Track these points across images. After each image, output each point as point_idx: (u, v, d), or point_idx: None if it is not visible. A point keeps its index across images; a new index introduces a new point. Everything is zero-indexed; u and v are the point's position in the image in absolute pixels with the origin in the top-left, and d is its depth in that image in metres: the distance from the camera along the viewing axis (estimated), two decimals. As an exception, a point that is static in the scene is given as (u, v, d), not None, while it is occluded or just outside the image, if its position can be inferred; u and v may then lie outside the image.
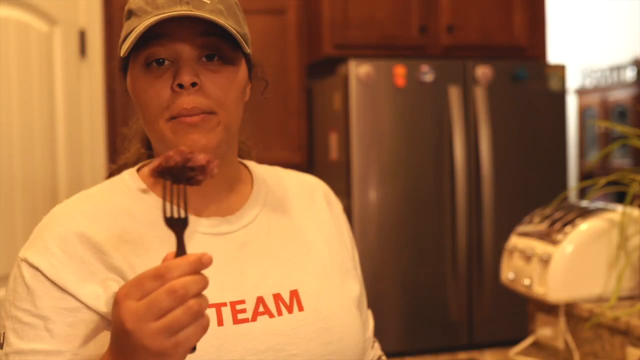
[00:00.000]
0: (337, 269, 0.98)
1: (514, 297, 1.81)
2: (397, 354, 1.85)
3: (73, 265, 0.83)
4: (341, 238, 1.03)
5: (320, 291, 0.93)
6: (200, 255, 0.65)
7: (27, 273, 0.83)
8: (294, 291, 0.90)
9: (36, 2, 2.37)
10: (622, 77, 5.47)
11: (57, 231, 0.85)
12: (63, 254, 0.83)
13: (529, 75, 2.95)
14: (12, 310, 0.83)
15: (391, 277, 2.81)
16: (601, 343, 1.46)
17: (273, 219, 0.96)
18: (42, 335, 0.81)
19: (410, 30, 3.05)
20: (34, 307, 0.82)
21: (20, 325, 0.82)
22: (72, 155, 2.50)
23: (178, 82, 0.83)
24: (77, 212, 0.87)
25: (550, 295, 1.50)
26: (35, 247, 0.85)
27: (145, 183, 0.93)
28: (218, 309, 0.84)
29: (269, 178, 1.02)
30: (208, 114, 0.85)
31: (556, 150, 3.02)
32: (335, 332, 0.90)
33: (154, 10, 0.85)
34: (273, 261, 0.92)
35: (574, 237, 1.51)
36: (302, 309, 0.89)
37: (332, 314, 0.91)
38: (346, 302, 0.95)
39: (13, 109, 2.24)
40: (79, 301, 0.82)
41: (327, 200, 1.06)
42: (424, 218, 2.84)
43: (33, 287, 0.82)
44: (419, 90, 2.83)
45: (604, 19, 6.00)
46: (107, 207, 0.89)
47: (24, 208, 2.25)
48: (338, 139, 2.92)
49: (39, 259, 0.83)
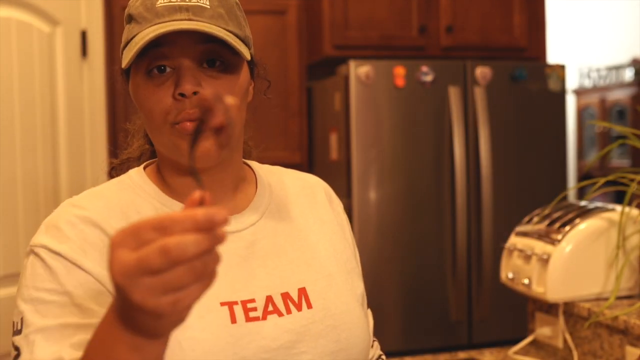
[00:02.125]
0: (341, 267, 0.99)
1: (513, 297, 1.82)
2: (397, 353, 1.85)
3: (93, 253, 0.82)
4: (343, 236, 1.04)
5: (327, 289, 0.93)
6: (214, 211, 0.54)
7: (48, 256, 0.82)
8: (302, 289, 0.91)
9: (38, 3, 2.38)
10: (621, 77, 5.48)
11: (73, 221, 0.85)
12: (83, 242, 0.83)
13: (528, 76, 2.95)
14: (32, 293, 0.80)
15: (391, 277, 2.82)
16: (600, 342, 1.47)
17: (278, 218, 0.97)
18: (71, 310, 0.79)
19: (410, 31, 3.05)
20: (58, 285, 0.80)
21: (43, 306, 0.79)
22: (73, 154, 2.51)
23: (180, 92, 0.83)
24: (91, 207, 0.87)
25: (550, 295, 1.50)
26: (51, 235, 0.84)
27: (152, 181, 0.93)
28: (230, 307, 0.85)
29: (272, 178, 1.03)
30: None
31: (555, 150, 3.03)
32: (344, 330, 0.91)
33: (154, 18, 0.85)
34: (280, 259, 0.93)
35: (572, 237, 1.51)
36: (311, 307, 0.90)
37: (339, 312, 0.92)
38: (352, 300, 0.96)
39: (15, 108, 2.25)
40: (103, 286, 0.81)
41: (329, 199, 1.06)
42: (424, 218, 2.85)
43: (56, 267, 0.81)
44: (419, 91, 2.84)
45: (602, 19, 6.00)
46: (119, 204, 0.89)
47: (25, 207, 2.25)
48: (338, 139, 2.93)
49: (58, 246, 0.82)
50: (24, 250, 0.87)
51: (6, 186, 2.20)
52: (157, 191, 0.92)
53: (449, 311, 2.87)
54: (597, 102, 5.62)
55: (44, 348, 0.77)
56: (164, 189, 0.93)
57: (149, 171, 0.96)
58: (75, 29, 2.59)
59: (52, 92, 2.44)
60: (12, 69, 2.24)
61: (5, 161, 2.20)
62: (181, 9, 0.84)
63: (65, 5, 2.53)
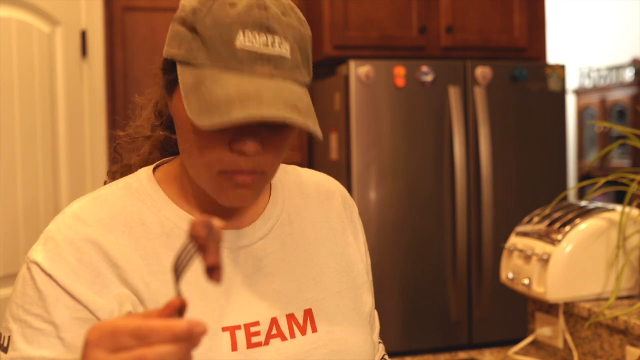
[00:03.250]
0: (351, 282, 0.96)
1: (513, 297, 1.82)
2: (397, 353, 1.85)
3: (87, 277, 0.80)
4: (357, 246, 1.00)
5: (334, 309, 0.90)
6: (192, 325, 0.55)
7: (39, 277, 0.80)
8: (308, 310, 0.88)
9: (38, 3, 2.38)
10: (621, 77, 5.48)
11: (72, 238, 0.81)
12: (78, 263, 0.80)
13: (528, 76, 2.95)
14: (20, 313, 0.79)
15: (391, 277, 2.82)
16: (600, 342, 1.47)
17: (288, 229, 0.93)
18: (54, 342, 0.78)
19: (410, 31, 3.05)
20: (45, 312, 0.78)
21: (30, 331, 0.78)
22: (73, 154, 2.51)
23: (242, 149, 0.77)
24: (92, 219, 0.83)
25: (550, 295, 1.50)
26: (47, 251, 0.81)
27: (161, 187, 0.88)
28: (232, 332, 0.81)
29: (289, 180, 0.99)
30: (260, 174, 0.80)
31: (555, 150, 3.03)
32: (347, 354, 0.88)
33: (231, 59, 0.75)
34: (287, 276, 0.89)
35: (573, 237, 1.51)
36: (315, 330, 0.87)
37: (344, 335, 0.89)
38: (358, 320, 0.93)
39: (14, 108, 2.25)
40: (92, 314, 0.79)
41: (345, 206, 1.03)
42: (424, 218, 2.85)
43: (45, 292, 0.79)
44: (419, 91, 2.84)
45: (602, 19, 6.00)
46: (123, 214, 0.85)
47: (25, 207, 2.25)
48: (338, 139, 2.93)
49: (52, 266, 0.80)
50: (23, 251, 0.86)
51: (6, 186, 2.20)
52: (166, 201, 0.87)
53: (449, 311, 2.87)
54: (597, 102, 5.62)
55: None
56: (175, 196, 0.88)
57: (161, 174, 0.90)
58: (75, 29, 2.59)
59: (52, 92, 2.44)
60: (12, 69, 2.24)
61: (5, 161, 2.20)
62: (262, 58, 0.76)
63: (65, 5, 2.53)
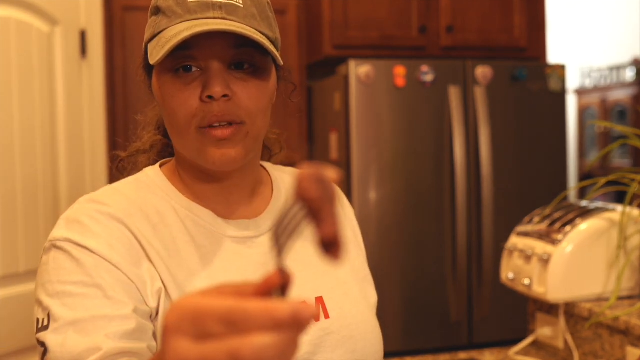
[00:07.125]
0: (356, 275, 0.98)
1: (513, 297, 1.82)
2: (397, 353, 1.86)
3: (121, 248, 0.79)
4: (356, 243, 1.03)
5: (343, 298, 0.92)
6: (301, 308, 0.42)
7: (74, 249, 0.78)
8: (319, 298, 0.89)
9: (37, 2, 2.37)
10: (622, 77, 5.48)
11: (97, 217, 0.81)
12: (109, 236, 0.80)
13: (528, 76, 2.95)
14: (56, 287, 0.77)
15: (391, 277, 2.81)
16: (601, 343, 1.46)
17: None
18: (103, 302, 0.76)
19: (410, 31, 3.05)
20: (87, 277, 0.77)
21: (71, 299, 0.76)
22: (72, 154, 2.51)
23: (209, 94, 0.80)
24: (112, 203, 0.84)
25: (550, 295, 1.50)
26: (75, 230, 0.80)
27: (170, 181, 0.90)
28: None
29: (286, 179, 1.01)
30: (238, 125, 0.82)
31: (556, 150, 3.02)
32: (360, 340, 0.89)
33: (185, 13, 0.81)
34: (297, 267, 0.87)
35: (573, 237, 1.51)
36: (328, 317, 0.88)
37: (355, 322, 0.90)
38: (367, 309, 0.95)
39: (14, 108, 2.25)
40: (132, 282, 0.78)
41: (341, 205, 1.04)
42: (424, 218, 2.85)
43: (83, 259, 0.78)
44: (419, 90, 2.83)
45: (603, 19, 6.00)
46: (138, 202, 0.86)
47: (24, 208, 2.25)
48: (338, 138, 2.92)
49: (83, 239, 0.79)
50: (23, 251, 0.85)
51: (5, 186, 2.19)
52: (175, 192, 0.89)
53: (449, 311, 2.87)
54: (598, 102, 5.62)
55: (76, 340, 0.73)
56: (183, 190, 0.90)
57: (166, 170, 0.93)
58: (75, 29, 2.59)
59: (51, 92, 2.43)
60: (11, 69, 2.24)
61: (4, 161, 2.20)
62: (214, 6, 0.81)
63: (64, 5, 2.53)
